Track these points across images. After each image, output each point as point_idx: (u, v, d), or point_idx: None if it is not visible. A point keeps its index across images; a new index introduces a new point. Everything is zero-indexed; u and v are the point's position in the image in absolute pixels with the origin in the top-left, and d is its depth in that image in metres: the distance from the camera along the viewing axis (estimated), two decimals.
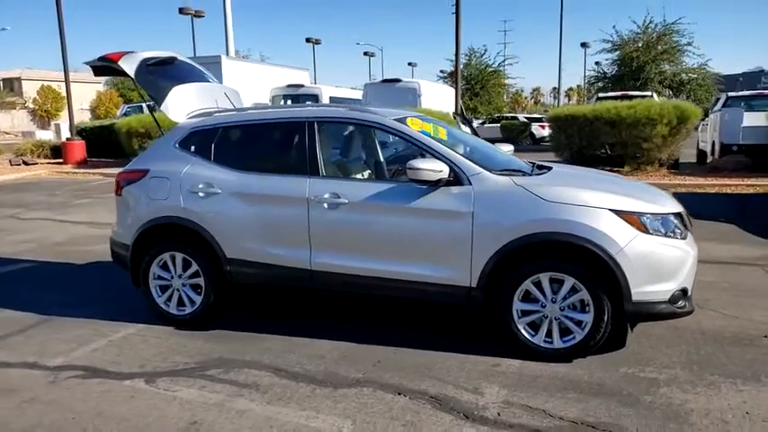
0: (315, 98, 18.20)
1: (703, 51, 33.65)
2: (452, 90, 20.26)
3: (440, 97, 18.44)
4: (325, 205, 3.99)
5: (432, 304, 4.38)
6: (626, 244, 3.47)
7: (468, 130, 9.64)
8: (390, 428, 2.97)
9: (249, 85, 18.20)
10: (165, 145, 4.58)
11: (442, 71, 38.55)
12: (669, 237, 3.61)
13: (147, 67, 4.76)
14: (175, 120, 4.67)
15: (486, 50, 32.01)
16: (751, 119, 12.75)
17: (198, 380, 3.57)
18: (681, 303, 3.62)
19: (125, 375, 3.65)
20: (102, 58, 4.68)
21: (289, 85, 18.94)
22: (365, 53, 58.66)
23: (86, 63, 4.93)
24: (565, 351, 3.67)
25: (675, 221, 3.70)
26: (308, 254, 4.07)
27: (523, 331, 3.72)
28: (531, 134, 29.21)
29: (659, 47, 25.89)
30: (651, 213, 3.61)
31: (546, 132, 29.60)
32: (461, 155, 3.92)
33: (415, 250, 3.84)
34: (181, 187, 4.33)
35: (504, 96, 34.75)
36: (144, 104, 27.15)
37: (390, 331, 4.26)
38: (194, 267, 4.37)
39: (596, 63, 33.38)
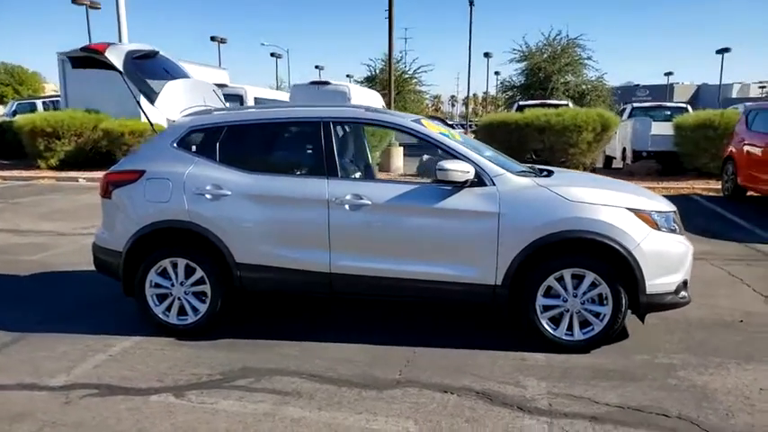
0: (239, 99, 17.58)
1: (600, 66, 36.35)
2: (379, 95, 20.44)
3: (369, 101, 18.52)
4: (347, 207, 3.94)
5: (456, 304, 4.43)
6: (641, 240, 3.74)
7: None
8: (456, 426, 3.00)
9: None
10: (160, 144, 4.31)
11: (348, 75, 38.62)
12: (673, 233, 3.93)
13: (133, 60, 4.47)
14: (170, 118, 4.41)
15: (402, 57, 32.79)
16: (658, 128, 13.99)
17: (231, 391, 3.40)
18: (682, 294, 3.95)
19: (147, 391, 3.41)
20: (85, 49, 4.33)
21: None
22: (272, 54, 57.70)
23: (64, 54, 4.54)
24: (584, 342, 3.87)
25: (675, 218, 4.03)
26: (328, 256, 4.00)
27: (546, 325, 3.89)
28: None
29: (563, 59, 27.68)
30: (658, 211, 3.91)
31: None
32: (483, 157, 4.03)
33: (440, 251, 3.89)
34: (184, 189, 4.10)
35: (421, 103, 35.50)
36: (38, 101, 25.05)
37: (405, 332, 4.28)
38: (199, 274, 4.15)
39: (496, 73, 35.10)
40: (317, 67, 66.90)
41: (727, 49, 51.98)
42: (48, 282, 5.73)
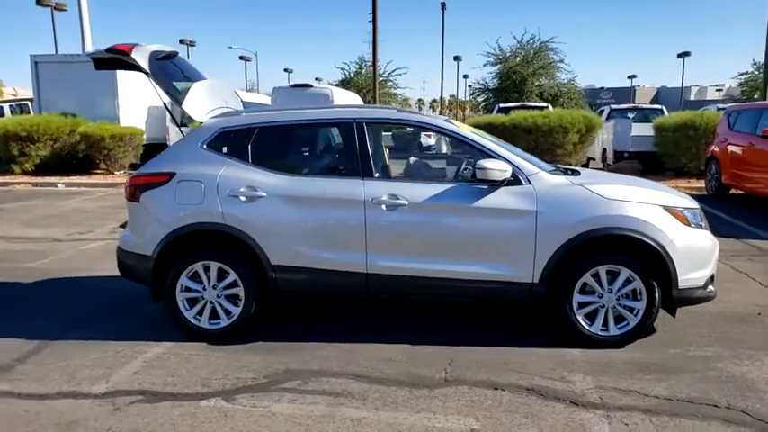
0: None
1: (573, 68, 37.14)
2: (358, 97, 20.47)
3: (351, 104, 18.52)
4: (384, 207, 3.95)
5: (492, 302, 4.45)
6: (675, 236, 3.84)
7: None
8: (516, 421, 3.04)
9: (137, 88, 17.02)
10: (189, 146, 4.25)
11: (317, 78, 38.40)
12: (700, 228, 4.05)
13: (156, 61, 4.40)
14: (198, 119, 4.35)
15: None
16: (638, 129, 14.36)
17: (281, 393, 3.37)
18: (710, 288, 4.07)
19: (195, 396, 3.35)
20: (111, 50, 4.24)
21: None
22: (241, 57, 57.31)
23: (89, 54, 4.43)
24: (619, 337, 3.95)
25: (701, 214, 4.15)
26: (364, 257, 4.00)
27: (582, 321, 3.95)
28: (419, 143, 30.37)
29: (535, 63, 28.13)
30: (687, 208, 4.03)
31: (432, 141, 30.89)
32: (517, 156, 4.09)
33: (478, 249, 3.93)
34: (218, 191, 4.05)
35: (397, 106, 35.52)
36: (5, 105, 24.28)
37: (438, 331, 4.30)
38: (232, 277, 4.10)
39: (465, 76, 35.39)
40: (285, 70, 66.87)
41: (687, 53, 54.06)
42: (56, 288, 5.58)
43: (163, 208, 4.13)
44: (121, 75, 16.67)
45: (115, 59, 4.34)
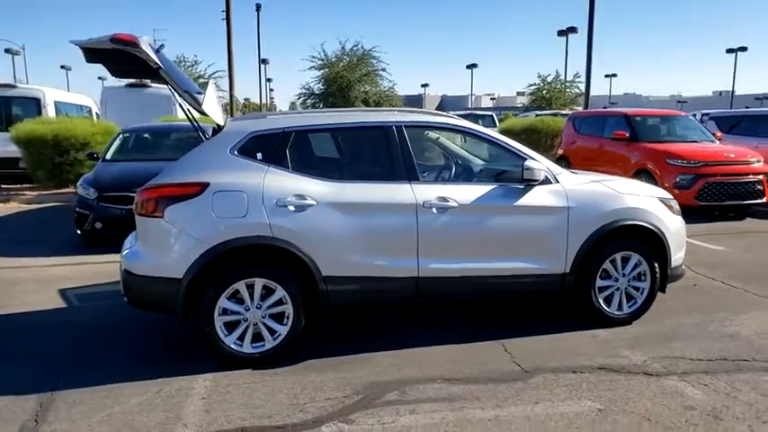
0: (36, 102, 15.02)
1: (393, 77, 39.27)
2: None
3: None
4: (434, 210, 3.98)
5: (529, 293, 4.73)
6: (669, 223, 4.51)
7: None
8: (624, 396, 3.34)
9: None
10: (218, 152, 3.79)
11: (100, 78, 34.53)
12: (678, 215, 4.79)
13: (157, 54, 3.85)
14: (221, 123, 3.90)
15: (197, 61, 30.98)
16: None
17: (395, 407, 3.24)
18: (683, 266, 4.84)
19: (307, 424, 3.08)
20: (116, 41, 3.58)
21: None
22: (7, 50, 49.46)
23: (79, 43, 3.66)
24: (630, 315, 4.50)
25: (675, 202, 4.89)
26: (416, 261, 3.98)
27: (603, 304, 4.42)
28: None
29: (358, 70, 29.14)
30: (671, 198, 4.74)
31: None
32: (542, 157, 4.41)
33: (521, 245, 4.17)
34: (263, 201, 3.69)
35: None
36: None
37: (473, 328, 4.44)
38: (279, 294, 3.77)
39: (268, 80, 35.10)
40: (63, 67, 59.50)
41: (475, 65, 61.04)
42: (23, 324, 4.55)
43: (197, 223, 3.64)
44: None
45: (110, 51, 3.68)
